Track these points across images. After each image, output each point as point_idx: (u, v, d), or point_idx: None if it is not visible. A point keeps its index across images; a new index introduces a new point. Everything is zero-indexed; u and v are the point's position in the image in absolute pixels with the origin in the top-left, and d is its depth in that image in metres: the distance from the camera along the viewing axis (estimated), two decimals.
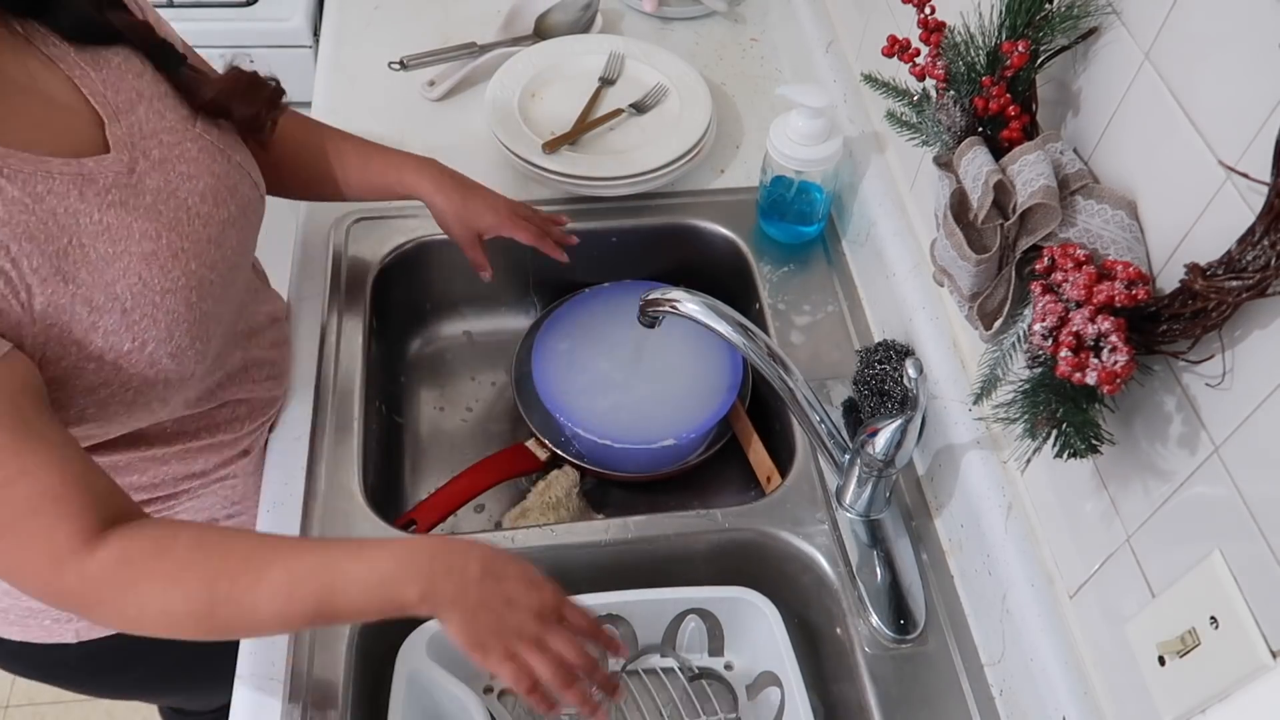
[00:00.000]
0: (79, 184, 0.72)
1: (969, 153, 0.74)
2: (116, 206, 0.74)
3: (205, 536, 0.70)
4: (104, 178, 0.74)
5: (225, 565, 0.68)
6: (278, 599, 0.68)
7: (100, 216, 0.73)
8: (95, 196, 0.73)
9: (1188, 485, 0.64)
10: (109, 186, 0.74)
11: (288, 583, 0.68)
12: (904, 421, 0.84)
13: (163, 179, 0.78)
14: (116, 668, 0.98)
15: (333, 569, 0.69)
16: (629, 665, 0.95)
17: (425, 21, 1.42)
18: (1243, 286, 0.54)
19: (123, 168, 0.75)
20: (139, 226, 0.75)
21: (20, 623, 0.90)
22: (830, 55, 1.29)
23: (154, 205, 0.77)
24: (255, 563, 0.69)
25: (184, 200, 0.79)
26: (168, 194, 0.78)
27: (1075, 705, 0.76)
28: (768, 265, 1.17)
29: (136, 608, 0.68)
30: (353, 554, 0.70)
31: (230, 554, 0.69)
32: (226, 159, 0.85)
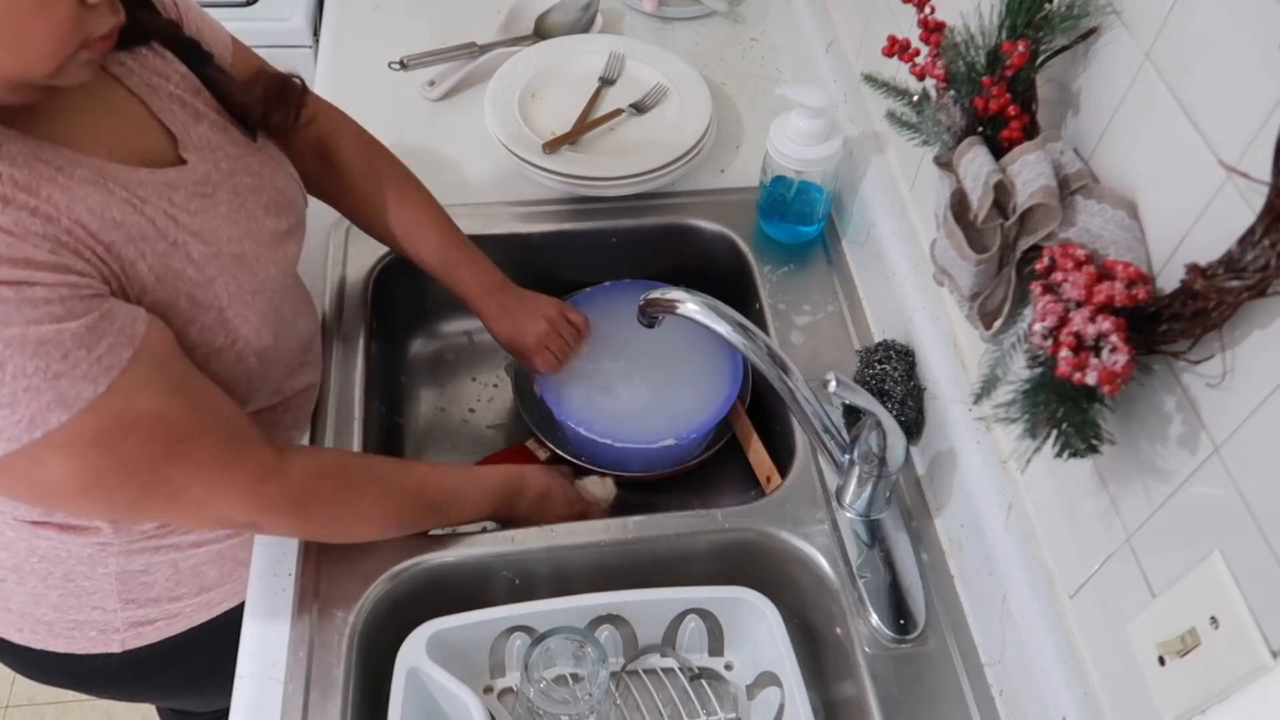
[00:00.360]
0: (166, 191, 0.75)
1: (969, 153, 0.74)
2: (200, 214, 0.77)
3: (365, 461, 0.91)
4: (185, 187, 0.77)
5: (391, 485, 0.88)
6: (419, 511, 0.90)
7: (191, 221, 0.76)
8: (181, 203, 0.76)
9: (1188, 485, 0.64)
10: (190, 195, 0.77)
11: (432, 499, 0.91)
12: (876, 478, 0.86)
13: (232, 191, 0.81)
14: (152, 673, 0.99)
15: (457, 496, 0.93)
16: (629, 665, 0.95)
17: (425, 21, 1.42)
18: (1243, 286, 0.54)
19: (199, 178, 0.78)
20: (224, 232, 0.79)
21: (66, 635, 0.91)
22: (830, 55, 1.29)
23: (230, 215, 0.80)
24: (413, 483, 0.89)
25: (252, 211, 0.83)
26: (239, 205, 0.81)
27: (1075, 705, 0.76)
28: (768, 265, 1.17)
29: (323, 516, 0.83)
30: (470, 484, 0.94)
31: (391, 475, 0.88)
32: (283, 171, 0.89)
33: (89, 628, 0.91)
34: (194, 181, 0.78)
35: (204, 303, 0.75)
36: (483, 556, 0.93)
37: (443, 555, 0.92)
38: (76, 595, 0.89)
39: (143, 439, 0.69)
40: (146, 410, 0.68)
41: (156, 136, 0.78)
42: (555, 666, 0.87)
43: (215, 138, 0.82)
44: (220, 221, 0.79)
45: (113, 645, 0.92)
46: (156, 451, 0.70)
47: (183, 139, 0.79)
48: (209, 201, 0.78)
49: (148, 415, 0.68)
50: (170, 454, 0.71)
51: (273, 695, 0.84)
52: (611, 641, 0.93)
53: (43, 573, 0.87)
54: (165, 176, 0.75)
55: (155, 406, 0.69)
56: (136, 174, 0.73)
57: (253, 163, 0.85)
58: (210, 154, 0.80)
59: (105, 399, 0.66)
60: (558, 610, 0.89)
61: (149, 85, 0.79)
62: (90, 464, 0.68)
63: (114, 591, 0.89)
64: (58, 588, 0.88)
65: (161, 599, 0.93)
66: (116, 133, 0.75)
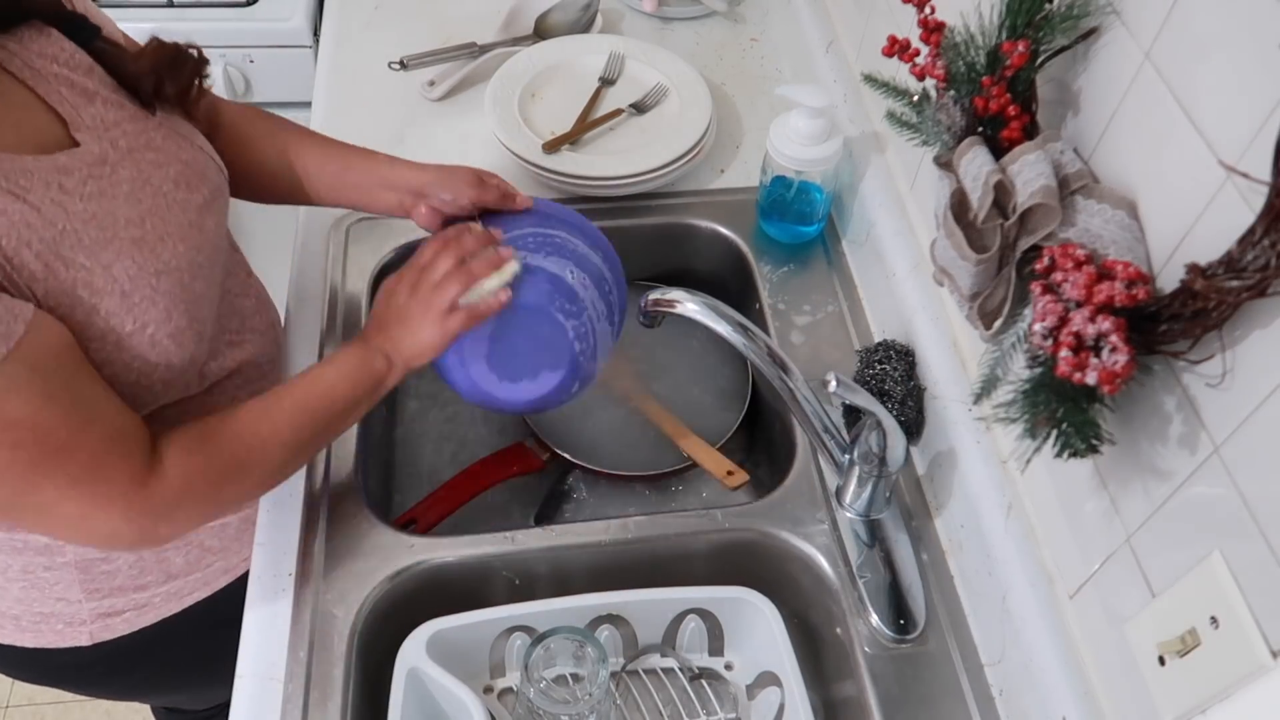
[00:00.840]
0: (57, 177, 0.73)
1: (969, 153, 0.74)
2: (97, 196, 0.75)
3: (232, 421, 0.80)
4: (79, 170, 0.74)
5: (267, 433, 0.80)
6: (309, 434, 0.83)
7: (84, 205, 0.73)
8: (75, 187, 0.73)
9: (1188, 485, 0.64)
10: (85, 178, 0.74)
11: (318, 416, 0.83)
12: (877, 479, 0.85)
13: (135, 168, 0.78)
14: (127, 668, 0.98)
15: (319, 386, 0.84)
16: (629, 665, 0.95)
17: (425, 21, 1.42)
18: (1243, 286, 0.54)
19: (94, 159, 0.76)
20: (122, 213, 0.76)
21: (33, 628, 0.91)
22: (830, 55, 1.29)
23: (132, 193, 0.77)
24: (286, 416, 0.81)
25: (159, 187, 0.80)
26: (142, 182, 0.78)
27: (1075, 705, 0.76)
28: (768, 265, 1.17)
29: (214, 496, 0.79)
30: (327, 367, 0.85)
31: (251, 406, 0.81)
32: (191, 144, 0.85)
33: (55, 620, 0.90)
34: (88, 164, 0.75)
35: (102, 289, 0.73)
36: (483, 556, 0.93)
37: (443, 555, 0.92)
38: (38, 587, 0.88)
39: (9, 445, 0.67)
40: (16, 416, 0.66)
41: (44, 120, 0.76)
42: (555, 666, 0.86)
43: (110, 115, 0.79)
44: (120, 202, 0.76)
45: (81, 638, 0.91)
46: (25, 460, 0.68)
47: (73, 120, 0.76)
48: (106, 183, 0.76)
49: (17, 421, 0.66)
50: (40, 464, 0.68)
51: (273, 695, 0.84)
52: (611, 641, 0.93)
53: (1, 565, 0.87)
54: (56, 161, 0.73)
55: (26, 413, 0.67)
56: (21, 161, 0.71)
57: (155, 137, 0.82)
58: (105, 133, 0.78)
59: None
60: (558, 610, 0.89)
61: (32, 68, 0.76)
62: None
63: (75, 581, 0.89)
64: (18, 580, 0.87)
65: (127, 588, 0.92)
66: (2, 121, 0.73)
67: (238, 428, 0.80)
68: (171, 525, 0.78)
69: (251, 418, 0.81)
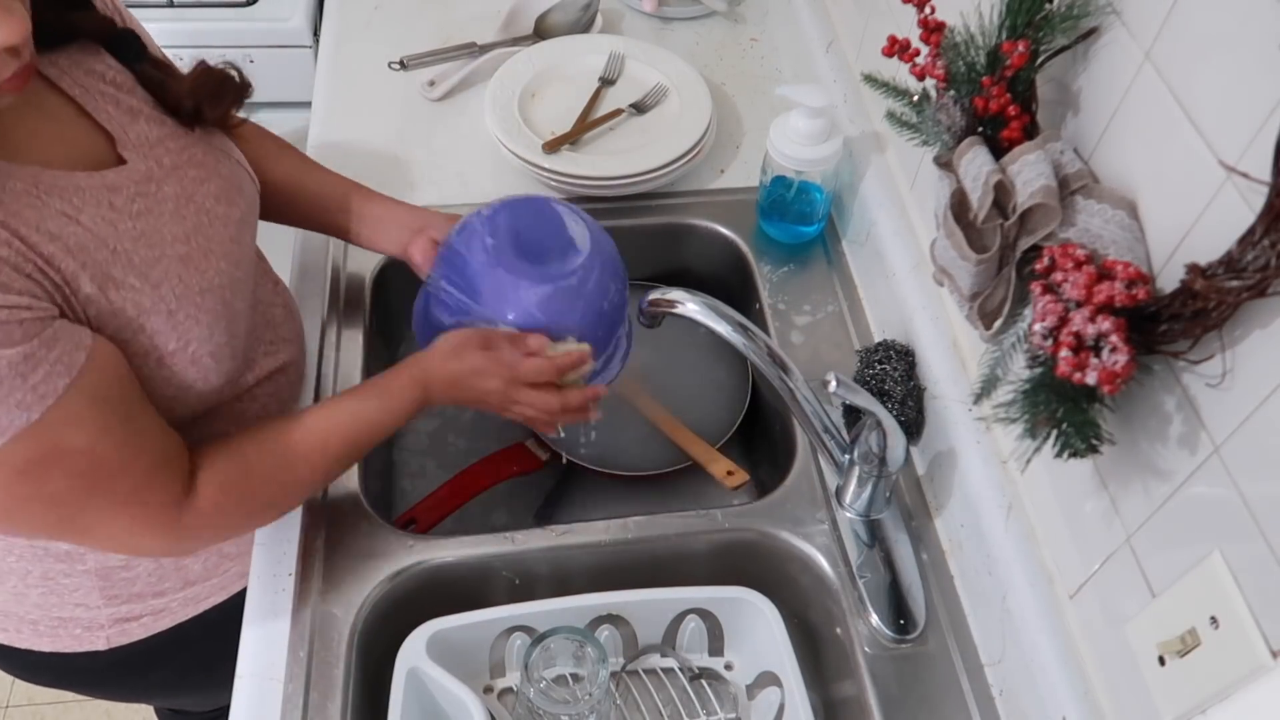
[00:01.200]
0: (107, 195, 0.74)
1: (969, 153, 0.74)
2: (144, 214, 0.76)
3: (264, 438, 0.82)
4: (127, 187, 0.75)
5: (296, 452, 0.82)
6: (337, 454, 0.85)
7: (133, 224, 0.75)
8: (123, 205, 0.75)
9: (1188, 485, 0.64)
10: (133, 195, 0.76)
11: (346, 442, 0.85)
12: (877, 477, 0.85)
13: (179, 185, 0.80)
14: (140, 671, 0.98)
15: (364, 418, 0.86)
16: (629, 665, 0.95)
17: (425, 21, 1.42)
18: (1243, 286, 0.54)
19: (141, 176, 0.77)
20: (169, 231, 0.77)
21: (51, 633, 0.91)
22: (830, 55, 1.29)
23: (177, 211, 0.79)
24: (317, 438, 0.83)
25: (201, 204, 0.81)
26: (186, 199, 0.80)
27: (1075, 705, 0.76)
28: (768, 265, 1.17)
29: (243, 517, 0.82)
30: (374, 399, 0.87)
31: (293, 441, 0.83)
32: (229, 158, 0.86)
33: (73, 625, 0.90)
34: (135, 181, 0.76)
35: (151, 308, 0.74)
36: (483, 556, 0.93)
37: (443, 555, 0.92)
38: (58, 593, 0.88)
39: (69, 473, 0.68)
40: (76, 445, 0.68)
41: (93, 138, 0.77)
42: (555, 666, 0.87)
43: (154, 132, 0.80)
44: (166, 220, 0.77)
45: (98, 643, 0.92)
46: (81, 487, 0.70)
47: (120, 138, 0.77)
48: (152, 200, 0.77)
49: (77, 450, 0.68)
50: (93, 490, 0.71)
51: (273, 695, 0.84)
52: (611, 641, 0.93)
53: (21, 572, 0.87)
54: (105, 179, 0.74)
55: (85, 442, 0.68)
56: (74, 179, 0.72)
57: (196, 153, 0.83)
58: (150, 150, 0.79)
59: (36, 429, 0.65)
60: (558, 610, 0.89)
61: (82, 85, 0.77)
62: (14, 492, 0.68)
63: (95, 588, 0.89)
64: (38, 586, 0.88)
65: (145, 594, 0.93)
66: (51, 137, 0.74)
67: (275, 458, 0.82)
68: (199, 543, 0.83)
69: (289, 447, 0.83)
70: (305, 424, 0.84)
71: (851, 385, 0.83)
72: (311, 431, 0.84)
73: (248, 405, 0.92)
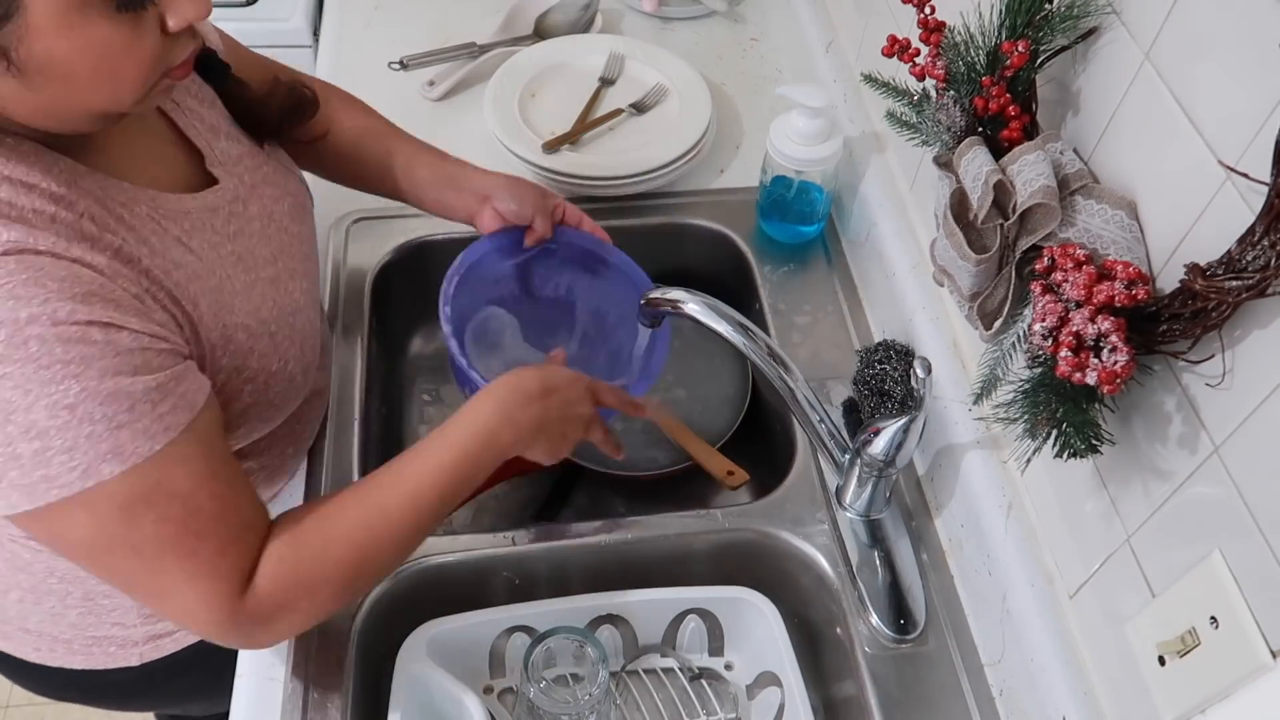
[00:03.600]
0: (209, 217, 0.74)
1: (969, 153, 0.74)
2: (238, 236, 0.76)
3: (324, 514, 0.74)
4: (223, 208, 0.76)
5: (351, 517, 0.74)
6: (410, 524, 0.76)
7: (232, 248, 0.75)
8: (222, 227, 0.75)
9: (1188, 485, 0.64)
10: (228, 216, 0.76)
11: (414, 509, 0.76)
12: (907, 421, 0.84)
13: (259, 204, 0.80)
14: (164, 683, 0.98)
15: (437, 473, 0.77)
16: (629, 665, 0.95)
17: (425, 21, 1.42)
18: (1243, 286, 0.54)
19: (231, 196, 0.77)
20: (260, 252, 0.78)
21: (85, 651, 0.90)
22: (830, 55, 1.29)
23: (263, 230, 0.79)
24: (380, 511, 0.75)
25: (280, 222, 0.82)
26: (268, 218, 0.80)
27: (1075, 705, 0.76)
28: (768, 265, 1.17)
29: (309, 598, 0.72)
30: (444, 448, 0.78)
31: (348, 507, 0.75)
32: (294, 175, 0.88)
33: (108, 643, 0.90)
34: (228, 201, 0.77)
35: (257, 332, 0.75)
36: (483, 556, 0.93)
37: (443, 555, 0.92)
38: (95, 613, 0.87)
39: (160, 519, 0.65)
40: (178, 489, 0.66)
41: (184, 155, 0.77)
42: (555, 666, 0.87)
43: (235, 150, 0.81)
44: (255, 241, 0.78)
45: (131, 659, 0.91)
46: (166, 536, 0.66)
47: (209, 155, 0.78)
48: (243, 220, 0.77)
49: (177, 495, 0.66)
50: (176, 544, 0.67)
51: (273, 695, 0.84)
52: (611, 641, 0.93)
53: (61, 593, 0.86)
54: (206, 200, 0.74)
55: (187, 488, 0.66)
56: (182, 203, 0.72)
57: (268, 171, 0.84)
58: (234, 168, 0.79)
59: (149, 465, 0.63)
60: (558, 610, 0.89)
61: (174, 101, 0.77)
62: (109, 530, 0.65)
63: (134, 608, 0.88)
64: (77, 606, 0.87)
65: None
66: (155, 156, 0.74)
67: (336, 538, 0.73)
68: (271, 633, 0.73)
69: (352, 523, 0.74)
70: (364, 486, 0.77)
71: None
72: (372, 493, 0.76)
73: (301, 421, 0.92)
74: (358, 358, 1.06)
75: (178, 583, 0.68)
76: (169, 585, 0.68)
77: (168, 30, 0.62)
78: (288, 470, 0.94)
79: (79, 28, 0.57)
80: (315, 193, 1.18)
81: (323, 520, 0.74)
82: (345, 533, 0.74)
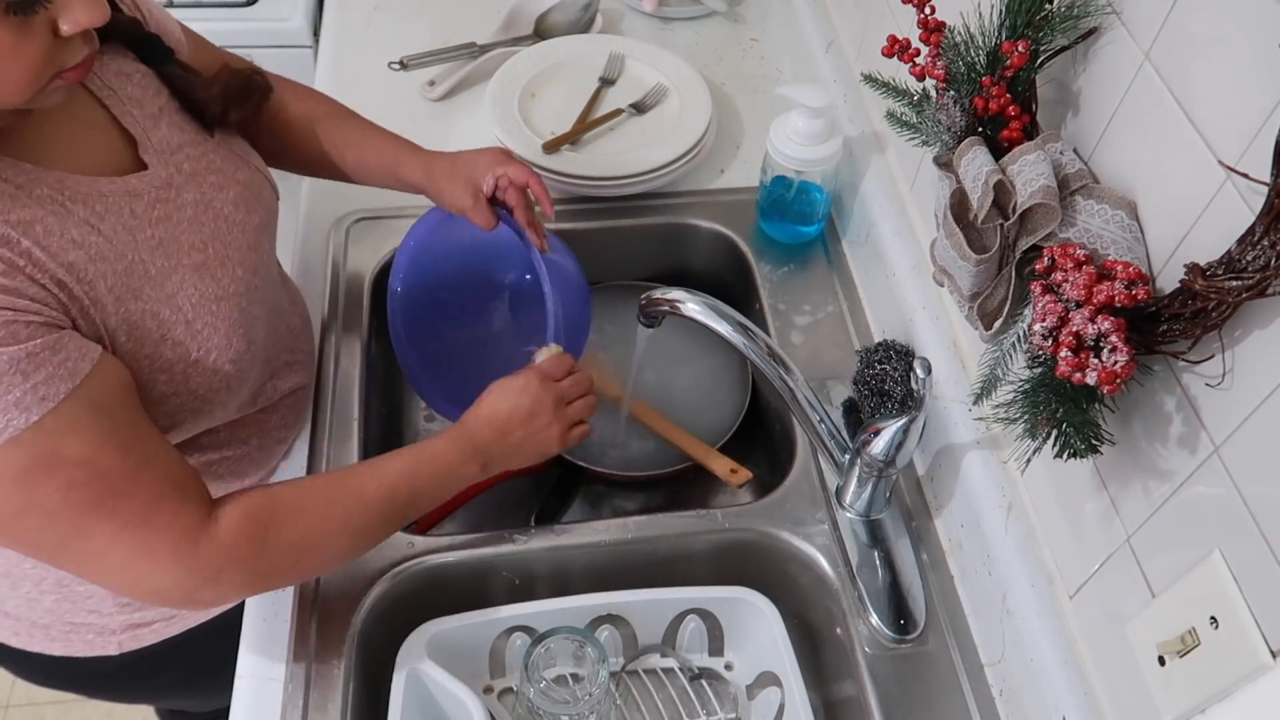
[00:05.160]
0: (128, 201, 0.74)
1: (969, 153, 0.74)
2: (163, 221, 0.76)
3: (298, 483, 0.79)
4: (148, 194, 0.75)
5: (330, 496, 0.78)
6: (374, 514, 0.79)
7: (152, 232, 0.75)
8: (143, 212, 0.75)
9: (1188, 485, 0.64)
10: (153, 202, 0.76)
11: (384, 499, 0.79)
12: (907, 421, 0.84)
13: (198, 191, 0.80)
14: (149, 675, 0.98)
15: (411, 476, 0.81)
16: (629, 665, 0.95)
17: (425, 21, 1.42)
18: (1243, 286, 0.54)
19: (161, 182, 0.77)
20: (186, 239, 0.77)
21: (63, 638, 0.91)
22: (830, 55, 1.29)
23: (195, 217, 0.79)
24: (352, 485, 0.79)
25: (220, 210, 0.81)
26: (204, 205, 0.80)
27: (1075, 705, 0.76)
28: (768, 265, 1.17)
29: (268, 561, 0.74)
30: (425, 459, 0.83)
31: (330, 486, 0.79)
32: (248, 165, 0.87)
33: (85, 631, 0.90)
34: (156, 187, 0.76)
35: (168, 319, 0.74)
36: (483, 556, 0.93)
37: (443, 555, 0.92)
38: (71, 600, 0.88)
39: (65, 485, 0.65)
40: (75, 455, 0.65)
41: (116, 141, 0.77)
42: (555, 666, 0.87)
43: (176, 138, 0.80)
44: (184, 227, 0.77)
45: (109, 648, 0.92)
46: (79, 502, 0.66)
47: (142, 142, 0.77)
48: (171, 206, 0.77)
49: (75, 461, 0.65)
50: (94, 507, 0.67)
51: (273, 695, 0.84)
52: (611, 641, 0.93)
53: (36, 578, 0.87)
54: (128, 185, 0.74)
55: (86, 453, 0.65)
56: (97, 184, 0.72)
57: (215, 159, 0.83)
58: (171, 156, 0.79)
59: (34, 434, 0.63)
60: (558, 610, 0.89)
61: (109, 87, 0.77)
62: (6, 501, 0.65)
63: (109, 596, 0.89)
64: (52, 593, 0.87)
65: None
66: (78, 140, 0.73)
67: (309, 507, 0.77)
68: (217, 588, 0.73)
69: (326, 499, 0.78)
70: (339, 474, 0.82)
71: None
72: (351, 478, 0.80)
73: (270, 416, 0.92)
74: (358, 358, 1.06)
75: (109, 538, 0.68)
76: (99, 545, 0.68)
77: (59, 34, 0.62)
78: (259, 465, 0.94)
79: None
80: (313, 192, 1.19)
81: (300, 493, 0.77)
82: (321, 507, 0.77)
